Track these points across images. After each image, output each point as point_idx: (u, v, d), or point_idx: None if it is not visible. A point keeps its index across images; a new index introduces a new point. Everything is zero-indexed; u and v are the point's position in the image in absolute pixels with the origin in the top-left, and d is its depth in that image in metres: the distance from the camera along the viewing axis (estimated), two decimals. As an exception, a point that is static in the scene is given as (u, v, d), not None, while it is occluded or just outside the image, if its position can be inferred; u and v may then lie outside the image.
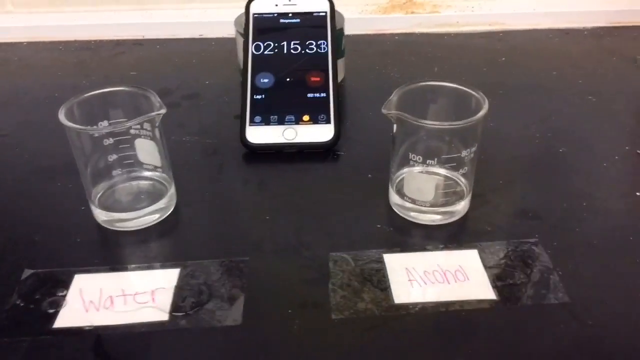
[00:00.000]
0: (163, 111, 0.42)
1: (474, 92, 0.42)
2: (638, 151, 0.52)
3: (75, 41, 0.75)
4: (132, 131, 0.44)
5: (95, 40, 0.75)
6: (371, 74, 0.67)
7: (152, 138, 0.44)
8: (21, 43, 0.75)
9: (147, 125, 0.44)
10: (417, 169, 0.42)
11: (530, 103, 0.60)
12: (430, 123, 0.40)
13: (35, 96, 0.64)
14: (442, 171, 0.43)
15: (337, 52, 0.58)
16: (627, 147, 0.52)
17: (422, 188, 0.42)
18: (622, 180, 0.49)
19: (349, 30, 0.63)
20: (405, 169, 0.43)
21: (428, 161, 0.41)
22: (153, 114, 0.42)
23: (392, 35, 0.76)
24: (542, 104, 0.60)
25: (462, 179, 0.44)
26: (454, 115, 0.42)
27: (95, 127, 0.43)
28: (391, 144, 0.44)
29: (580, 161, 0.51)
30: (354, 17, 0.74)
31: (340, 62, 0.63)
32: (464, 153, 0.41)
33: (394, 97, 0.42)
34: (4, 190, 0.50)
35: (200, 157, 0.53)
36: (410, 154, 0.41)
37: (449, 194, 0.43)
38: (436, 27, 0.76)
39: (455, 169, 0.42)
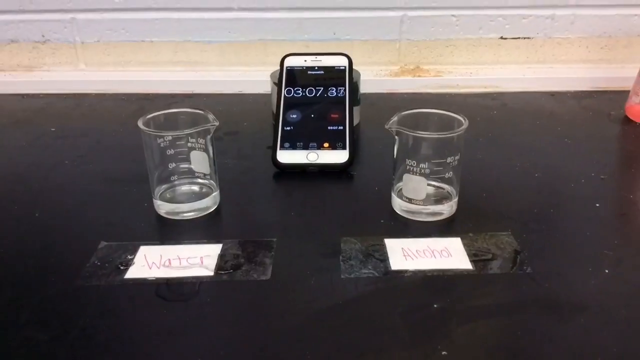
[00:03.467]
0: (216, 123, 0.54)
1: (457, 116, 0.54)
2: (601, 176, 0.62)
3: (136, 94, 0.90)
4: (189, 144, 0.56)
5: (152, 94, 0.90)
6: (382, 121, 0.79)
7: (205, 150, 0.57)
8: (89, 94, 0.90)
9: (201, 140, 0.56)
10: (413, 173, 0.53)
11: (514, 143, 0.72)
12: (421, 133, 0.52)
13: (103, 129, 0.77)
14: (432, 174, 0.54)
15: (354, 100, 0.71)
16: (592, 174, 0.63)
17: (416, 187, 0.53)
18: (585, 196, 0.59)
19: (365, 89, 0.77)
20: (404, 175, 0.54)
21: (421, 165, 0.52)
22: (209, 125, 0.54)
23: (402, 94, 0.89)
24: (525, 144, 0.71)
25: (448, 182, 0.55)
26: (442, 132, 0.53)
27: (163, 133, 0.55)
28: (393, 158, 0.55)
29: (551, 183, 0.62)
30: (370, 79, 0.88)
31: (356, 110, 0.75)
32: (449, 159, 0.52)
33: (394, 118, 0.54)
34: (84, 192, 0.62)
35: (239, 174, 0.65)
36: (407, 160, 0.53)
37: (438, 194, 0.54)
38: (439, 88, 0.89)
39: (442, 172, 0.53)
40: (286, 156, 0.65)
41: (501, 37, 0.91)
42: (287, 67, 0.72)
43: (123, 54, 0.93)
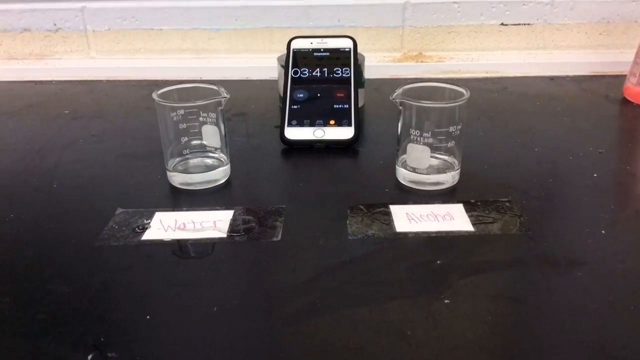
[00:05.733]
0: (227, 96, 0.57)
1: (459, 88, 0.56)
2: (600, 150, 0.64)
3: (145, 80, 0.92)
4: (200, 118, 0.58)
5: (161, 80, 0.92)
6: (386, 104, 0.81)
7: (216, 124, 0.59)
8: (101, 80, 0.93)
9: (212, 115, 0.58)
10: (416, 142, 0.55)
11: (514, 121, 0.74)
12: (425, 103, 0.54)
13: (115, 112, 0.80)
14: (435, 143, 0.56)
15: (359, 81, 0.74)
16: (590, 148, 0.65)
17: (419, 156, 0.55)
18: (583, 167, 0.61)
19: (369, 74, 0.79)
20: (407, 145, 0.56)
21: (424, 134, 0.54)
22: (220, 97, 0.56)
23: (405, 79, 0.91)
24: (525, 122, 0.73)
25: (450, 151, 0.57)
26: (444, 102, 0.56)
27: (176, 104, 0.58)
28: (397, 132, 0.57)
29: (550, 156, 0.64)
30: (374, 65, 0.90)
31: (361, 92, 0.78)
32: (451, 129, 0.54)
33: (399, 90, 0.56)
34: (99, 166, 0.64)
35: (248, 150, 0.67)
36: (410, 129, 0.55)
37: (441, 164, 0.56)
38: (441, 73, 0.92)
39: (444, 141, 0.55)
40: (294, 133, 0.67)
41: (502, 24, 0.93)
42: (293, 49, 0.74)
43: (133, 42, 0.96)
